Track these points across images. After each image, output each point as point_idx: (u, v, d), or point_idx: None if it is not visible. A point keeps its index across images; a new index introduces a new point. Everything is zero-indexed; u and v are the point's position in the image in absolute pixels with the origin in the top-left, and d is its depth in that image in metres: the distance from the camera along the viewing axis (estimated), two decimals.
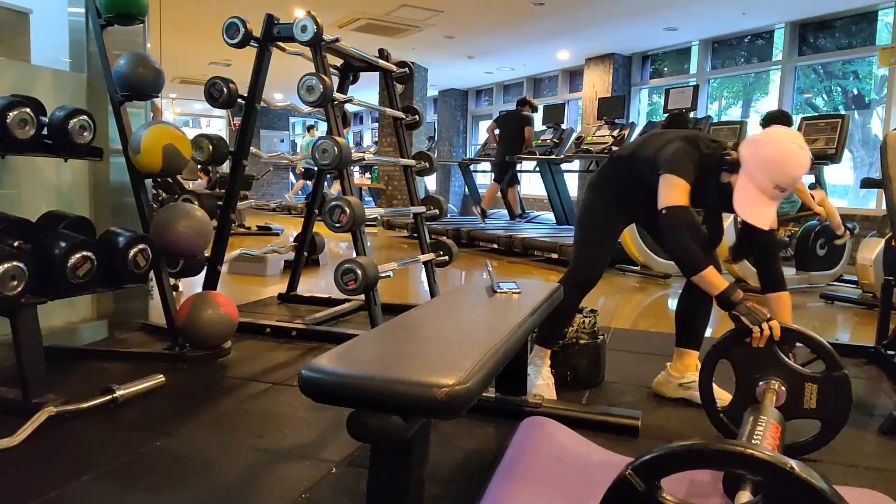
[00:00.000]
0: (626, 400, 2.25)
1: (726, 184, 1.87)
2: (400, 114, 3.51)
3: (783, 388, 1.70)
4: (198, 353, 2.54)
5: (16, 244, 2.00)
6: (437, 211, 3.51)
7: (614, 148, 6.73)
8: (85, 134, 2.21)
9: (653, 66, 9.21)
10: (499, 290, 1.88)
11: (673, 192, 1.85)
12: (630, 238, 5.17)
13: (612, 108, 7.36)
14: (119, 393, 2.01)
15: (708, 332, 2.58)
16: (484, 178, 11.46)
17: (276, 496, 1.50)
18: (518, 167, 8.29)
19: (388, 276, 2.77)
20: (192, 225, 2.56)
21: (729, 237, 2.64)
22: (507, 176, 8.00)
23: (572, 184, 9.03)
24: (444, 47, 9.00)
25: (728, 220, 5.35)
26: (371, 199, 11.84)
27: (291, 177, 15.24)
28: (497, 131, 8.01)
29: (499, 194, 8.35)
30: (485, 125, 12.58)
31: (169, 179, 4.37)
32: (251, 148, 3.06)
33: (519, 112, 7.84)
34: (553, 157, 7.69)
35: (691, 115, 6.26)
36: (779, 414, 1.57)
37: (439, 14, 7.36)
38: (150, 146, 2.48)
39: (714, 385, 1.87)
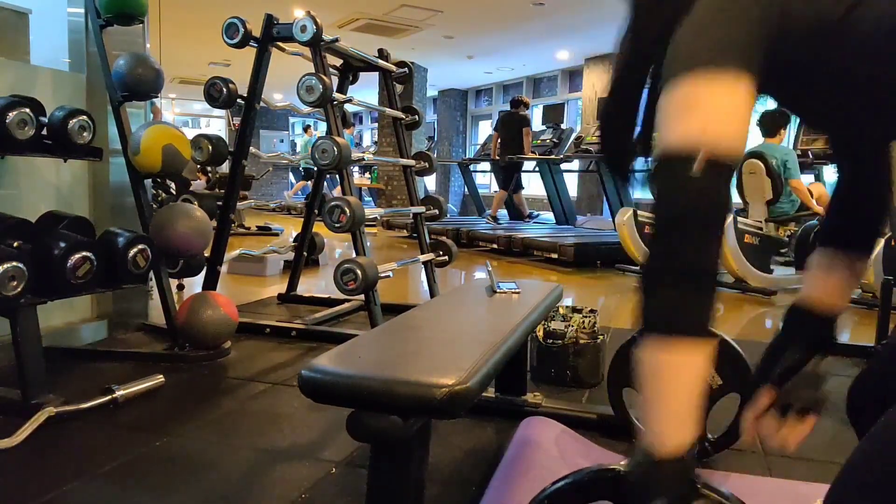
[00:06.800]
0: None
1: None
2: (399, 114, 3.51)
3: None
4: (198, 353, 2.54)
5: (16, 244, 2.00)
6: (436, 211, 3.51)
7: None
8: (84, 134, 2.21)
9: None
10: (499, 290, 1.88)
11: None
12: (630, 238, 5.17)
13: None
14: (119, 393, 2.01)
15: None
16: (483, 178, 11.47)
17: (276, 496, 1.49)
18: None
19: (388, 276, 2.77)
20: (191, 225, 2.56)
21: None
22: (512, 181, 7.97)
23: (572, 184, 9.03)
24: (444, 47, 9.00)
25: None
26: (371, 199, 11.84)
27: (291, 177, 15.23)
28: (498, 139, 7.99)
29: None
30: (485, 125, 12.61)
31: (169, 180, 4.37)
32: (251, 148, 3.07)
33: (516, 114, 7.82)
34: (553, 156, 7.68)
35: None
36: None
37: (439, 14, 7.36)
38: (149, 146, 2.48)
39: None
